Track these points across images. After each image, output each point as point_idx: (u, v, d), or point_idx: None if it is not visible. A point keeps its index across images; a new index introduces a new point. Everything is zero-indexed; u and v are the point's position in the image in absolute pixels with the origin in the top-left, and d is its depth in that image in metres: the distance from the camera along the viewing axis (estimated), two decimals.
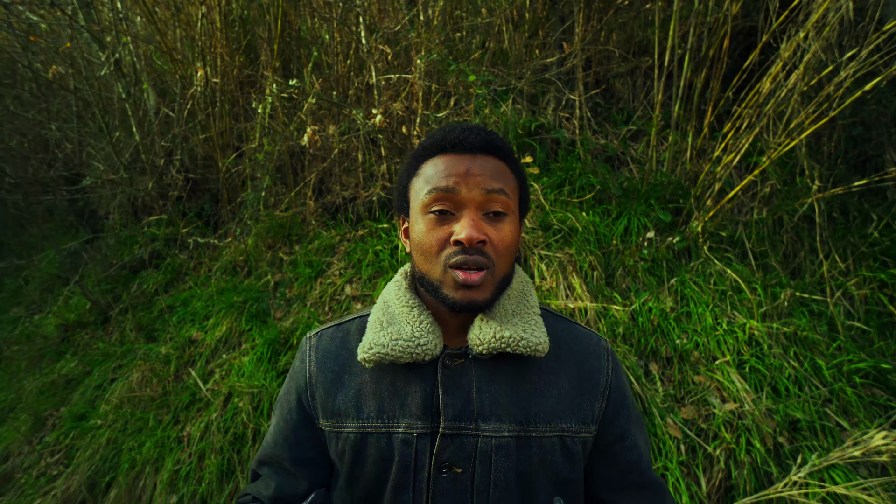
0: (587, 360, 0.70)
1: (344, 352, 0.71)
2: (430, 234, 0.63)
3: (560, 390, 0.67)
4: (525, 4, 2.82)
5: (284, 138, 2.76)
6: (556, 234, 2.28)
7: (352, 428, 0.67)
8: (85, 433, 2.33)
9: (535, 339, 0.63)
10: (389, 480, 0.64)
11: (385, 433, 0.65)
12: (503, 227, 0.63)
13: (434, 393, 0.65)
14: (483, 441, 0.63)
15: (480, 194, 0.62)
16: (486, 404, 0.64)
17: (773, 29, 2.07)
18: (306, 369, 0.72)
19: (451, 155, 0.64)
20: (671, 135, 2.45)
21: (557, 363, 0.68)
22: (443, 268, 0.62)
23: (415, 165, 0.68)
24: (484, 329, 0.64)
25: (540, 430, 0.65)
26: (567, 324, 0.74)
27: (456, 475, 0.63)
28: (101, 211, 3.90)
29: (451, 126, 0.67)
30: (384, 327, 0.66)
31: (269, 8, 2.91)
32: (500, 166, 0.66)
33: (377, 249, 2.48)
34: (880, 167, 2.38)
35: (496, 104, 2.66)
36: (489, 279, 0.62)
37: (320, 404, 0.69)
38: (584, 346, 0.71)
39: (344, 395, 0.68)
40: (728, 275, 2.10)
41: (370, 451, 0.65)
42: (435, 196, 0.62)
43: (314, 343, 0.74)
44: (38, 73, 3.48)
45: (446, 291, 0.62)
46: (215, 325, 2.50)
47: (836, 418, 1.72)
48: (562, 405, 0.66)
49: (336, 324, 0.76)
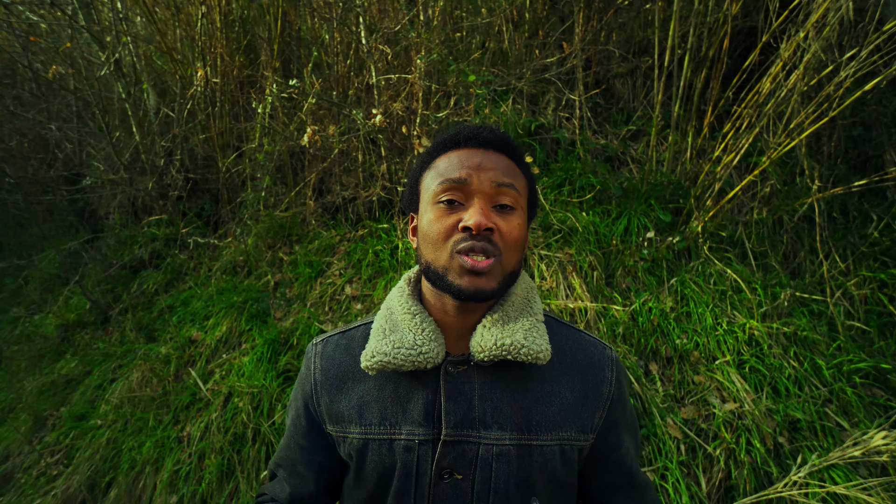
0: (591, 371, 0.70)
1: (348, 358, 0.72)
2: (438, 222, 0.63)
3: (562, 399, 0.67)
4: (525, 4, 2.82)
5: (284, 138, 2.76)
6: (556, 234, 2.28)
7: (355, 434, 0.67)
8: (85, 433, 2.33)
9: (536, 346, 0.63)
10: (391, 486, 0.65)
11: (387, 439, 0.65)
12: (512, 219, 0.63)
13: (436, 400, 0.65)
14: (484, 448, 0.63)
15: (491, 187, 0.62)
16: (488, 412, 0.65)
17: (773, 29, 2.07)
18: (311, 376, 0.73)
19: (464, 149, 0.66)
20: (671, 135, 2.45)
21: (561, 372, 0.68)
22: (450, 254, 0.62)
23: (427, 161, 0.69)
24: (486, 336, 0.64)
25: (541, 439, 0.65)
26: (573, 332, 0.74)
27: (457, 481, 0.63)
28: (101, 211, 3.90)
29: (465, 125, 0.69)
30: (387, 335, 0.66)
31: (269, 8, 2.91)
32: (511, 164, 0.67)
33: (377, 249, 2.48)
34: (880, 167, 2.37)
35: (496, 104, 2.66)
36: (497, 268, 0.62)
37: (325, 410, 0.70)
38: (588, 356, 0.71)
39: (347, 401, 0.69)
40: (728, 275, 2.10)
41: (372, 456, 0.66)
42: (446, 186, 0.63)
43: (319, 350, 0.75)
44: (38, 73, 3.48)
45: (452, 278, 0.61)
46: (215, 325, 2.50)
47: (836, 418, 1.71)
48: (563, 414, 0.66)
49: (341, 331, 0.76)
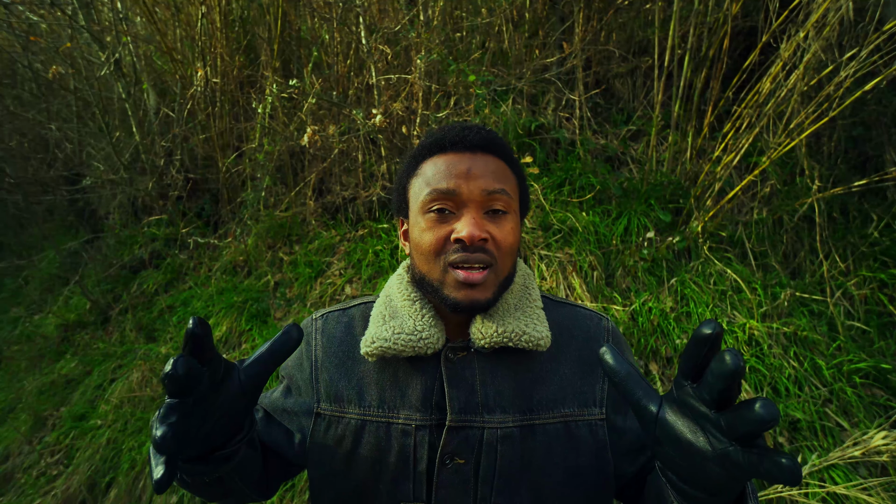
0: (588, 344, 0.70)
1: (349, 337, 0.71)
2: (429, 233, 0.62)
3: (562, 377, 0.67)
4: (525, 4, 2.82)
5: (284, 138, 2.76)
6: (556, 234, 2.28)
7: (353, 414, 0.67)
8: (85, 433, 2.33)
9: (537, 333, 0.63)
10: (387, 471, 0.64)
11: (385, 423, 0.65)
12: (505, 224, 0.63)
13: (435, 385, 0.65)
14: (489, 433, 0.63)
15: (481, 194, 0.62)
16: (491, 396, 0.64)
17: (773, 29, 2.07)
18: (312, 352, 0.72)
19: (450, 154, 0.64)
20: (671, 135, 2.45)
21: (559, 350, 0.68)
22: (443, 267, 0.62)
23: (414, 165, 0.68)
24: (486, 323, 0.64)
25: (543, 418, 0.65)
26: (569, 308, 0.74)
27: (459, 466, 0.63)
28: (101, 211, 3.90)
29: (450, 125, 0.67)
30: (386, 321, 0.66)
31: (269, 8, 2.91)
32: (501, 166, 0.65)
33: (377, 249, 2.48)
34: (880, 167, 2.37)
35: (496, 104, 2.66)
36: (492, 278, 0.62)
37: (324, 388, 0.69)
38: (584, 329, 0.71)
39: (347, 381, 0.68)
40: (728, 275, 2.10)
41: (369, 438, 0.66)
42: (435, 195, 0.62)
43: (320, 326, 0.73)
44: (38, 73, 3.48)
45: (447, 292, 0.62)
46: (215, 326, 2.50)
47: (836, 418, 1.71)
48: (564, 391, 0.66)
49: (341, 308, 0.75)
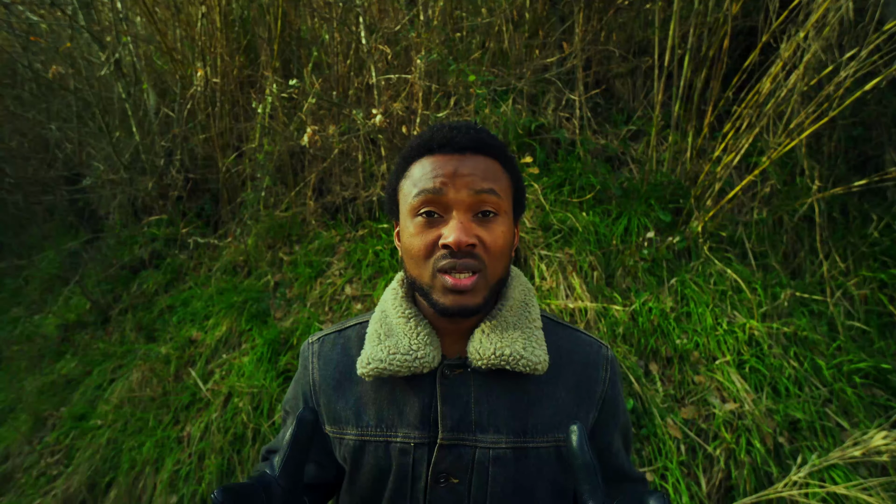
0: (586, 370, 0.69)
1: (345, 359, 0.71)
2: (417, 238, 0.61)
3: (558, 401, 0.67)
4: (525, 4, 2.82)
5: (284, 138, 2.76)
6: (556, 234, 2.28)
7: (351, 435, 0.67)
8: (85, 433, 2.32)
9: (534, 357, 0.62)
10: (387, 489, 0.65)
11: (383, 442, 0.65)
12: (495, 227, 0.61)
13: (432, 403, 0.65)
14: (480, 452, 0.63)
15: (469, 195, 0.60)
16: (485, 415, 0.64)
17: (773, 29, 2.07)
18: (310, 376, 0.72)
19: (438, 156, 0.62)
20: (671, 135, 2.45)
21: (557, 373, 0.68)
22: (432, 272, 0.61)
23: (403, 167, 0.66)
24: (484, 343, 0.63)
25: (537, 441, 0.65)
26: (569, 332, 0.73)
27: (453, 485, 0.63)
28: (101, 211, 3.90)
29: (440, 125, 0.65)
30: (382, 340, 0.65)
31: (269, 8, 2.91)
32: (491, 165, 0.63)
33: (377, 249, 2.48)
34: (880, 167, 2.37)
35: (496, 104, 2.66)
36: (481, 283, 0.60)
37: (324, 410, 0.70)
38: (584, 356, 0.71)
39: (345, 402, 0.68)
40: (728, 275, 2.10)
41: (368, 458, 0.66)
42: (422, 199, 0.60)
43: (316, 349, 0.74)
44: (38, 73, 3.48)
45: (436, 297, 0.61)
46: (215, 326, 2.50)
47: (836, 418, 1.72)
48: (559, 416, 0.66)
49: (337, 330, 0.75)
